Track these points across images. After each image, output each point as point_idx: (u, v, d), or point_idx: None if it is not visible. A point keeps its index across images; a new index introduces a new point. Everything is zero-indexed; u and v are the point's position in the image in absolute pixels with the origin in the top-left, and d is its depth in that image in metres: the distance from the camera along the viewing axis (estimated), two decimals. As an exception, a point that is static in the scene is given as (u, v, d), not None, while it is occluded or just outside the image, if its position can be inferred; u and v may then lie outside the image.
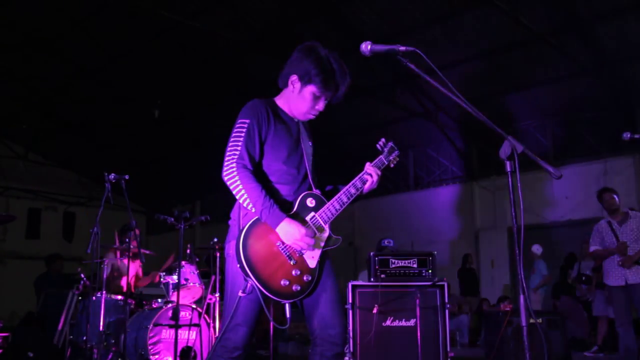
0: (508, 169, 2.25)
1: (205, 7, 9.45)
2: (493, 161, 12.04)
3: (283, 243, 2.47)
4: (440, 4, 8.85)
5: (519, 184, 2.20)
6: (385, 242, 6.20)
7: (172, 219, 5.50)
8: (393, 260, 5.20)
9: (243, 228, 2.44)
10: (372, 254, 5.27)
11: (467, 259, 11.27)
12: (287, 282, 2.44)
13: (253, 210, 2.46)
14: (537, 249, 9.98)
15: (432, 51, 9.06)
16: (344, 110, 11.97)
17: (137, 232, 5.74)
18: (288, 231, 2.44)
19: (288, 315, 2.51)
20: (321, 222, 2.57)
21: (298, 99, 2.67)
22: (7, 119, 14.59)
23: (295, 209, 2.55)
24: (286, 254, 2.47)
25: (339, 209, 2.61)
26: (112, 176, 5.27)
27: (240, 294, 2.44)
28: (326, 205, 2.60)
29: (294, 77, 2.65)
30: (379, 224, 13.34)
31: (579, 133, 11.67)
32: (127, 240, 5.64)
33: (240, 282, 2.46)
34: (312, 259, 2.53)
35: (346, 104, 11.92)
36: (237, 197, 2.49)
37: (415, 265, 5.20)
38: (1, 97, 13.40)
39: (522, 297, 2.20)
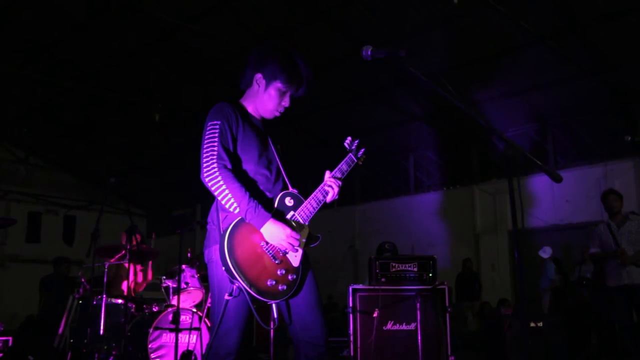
0: (508, 172, 2.25)
1: (206, 10, 9.47)
2: (493, 164, 12.07)
3: (267, 243, 2.44)
4: (440, 8, 8.87)
5: (518, 188, 2.20)
6: (386, 246, 6.20)
7: (173, 222, 5.48)
8: (393, 264, 5.21)
9: (225, 231, 2.41)
10: (372, 257, 5.28)
11: (465, 264, 11.28)
12: (274, 282, 2.42)
13: (237, 211, 2.42)
14: (544, 251, 9.94)
15: (432, 55, 9.13)
16: (344, 113, 12.01)
17: (139, 237, 5.73)
18: (273, 231, 2.42)
19: (275, 315, 2.49)
20: (301, 220, 2.57)
21: (264, 97, 2.67)
22: (8, 122, 14.62)
23: (275, 208, 2.53)
24: (270, 253, 2.45)
25: (317, 207, 2.60)
26: (112, 180, 5.27)
27: (226, 297, 2.42)
28: (304, 204, 2.59)
29: (259, 76, 2.66)
30: (380, 228, 13.33)
31: (579, 136, 11.68)
32: (127, 245, 5.62)
33: (227, 286, 2.43)
34: (295, 257, 2.52)
35: (346, 107, 11.80)
36: (219, 197, 2.45)
37: (415, 269, 5.19)
38: (2, 101, 13.42)
39: (522, 300, 2.20)
